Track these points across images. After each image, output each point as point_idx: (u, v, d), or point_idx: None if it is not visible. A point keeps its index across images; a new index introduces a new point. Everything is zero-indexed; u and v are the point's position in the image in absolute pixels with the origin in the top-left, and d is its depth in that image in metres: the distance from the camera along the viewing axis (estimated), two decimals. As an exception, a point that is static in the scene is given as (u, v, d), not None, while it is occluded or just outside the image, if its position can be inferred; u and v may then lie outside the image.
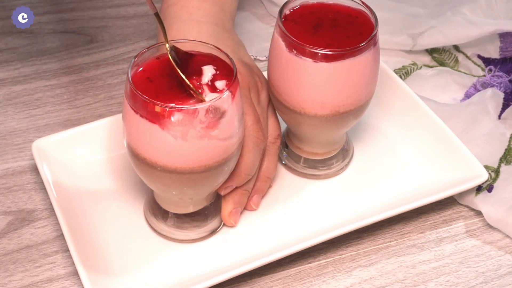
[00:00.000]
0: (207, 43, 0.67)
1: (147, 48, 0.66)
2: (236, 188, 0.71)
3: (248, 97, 0.71)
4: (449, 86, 0.88)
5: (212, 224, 0.72)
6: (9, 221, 0.74)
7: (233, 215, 0.71)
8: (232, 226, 0.72)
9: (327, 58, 0.68)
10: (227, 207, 0.71)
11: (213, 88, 0.65)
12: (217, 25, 0.77)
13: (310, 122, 0.72)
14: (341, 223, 0.71)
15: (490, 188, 0.75)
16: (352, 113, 0.72)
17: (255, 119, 0.70)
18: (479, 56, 0.91)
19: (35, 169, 0.78)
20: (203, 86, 0.65)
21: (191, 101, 0.63)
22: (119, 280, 0.68)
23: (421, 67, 0.90)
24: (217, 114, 0.62)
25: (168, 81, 0.65)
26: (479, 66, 0.90)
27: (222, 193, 0.71)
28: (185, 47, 0.67)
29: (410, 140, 0.80)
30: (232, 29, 0.80)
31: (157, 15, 0.63)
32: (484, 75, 0.89)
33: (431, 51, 0.93)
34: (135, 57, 0.65)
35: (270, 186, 0.75)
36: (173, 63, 0.63)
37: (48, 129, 0.82)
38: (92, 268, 0.67)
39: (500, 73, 0.88)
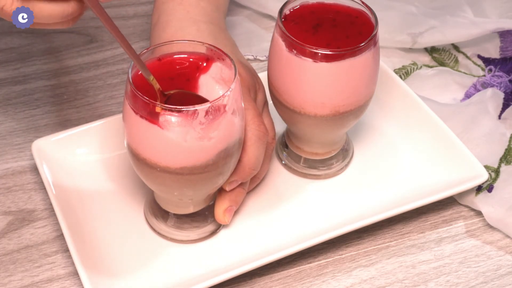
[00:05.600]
0: (210, 45, 0.67)
1: (147, 49, 0.66)
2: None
3: (249, 95, 0.71)
4: (449, 86, 0.88)
5: (212, 224, 0.72)
6: (9, 221, 0.74)
7: (228, 213, 0.71)
8: (225, 224, 0.72)
9: (327, 58, 0.68)
10: (223, 204, 0.71)
11: (213, 89, 0.65)
12: (213, 25, 0.77)
13: (310, 122, 0.72)
14: (341, 223, 0.71)
15: (490, 188, 0.75)
16: (352, 113, 0.72)
17: (255, 113, 0.70)
18: (479, 56, 0.91)
19: (35, 169, 0.78)
20: (204, 85, 0.65)
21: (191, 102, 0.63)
22: (119, 280, 0.68)
23: (421, 67, 0.90)
24: (217, 115, 0.62)
25: (168, 81, 0.65)
26: (479, 66, 0.90)
27: (227, 188, 0.70)
28: (185, 46, 0.67)
29: (410, 140, 0.80)
30: (226, 28, 0.80)
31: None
32: (484, 75, 0.89)
33: (431, 51, 0.93)
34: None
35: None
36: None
37: (48, 129, 0.82)
38: (92, 268, 0.67)
39: (500, 73, 0.88)
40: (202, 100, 0.64)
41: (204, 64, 0.66)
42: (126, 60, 0.91)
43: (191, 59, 0.67)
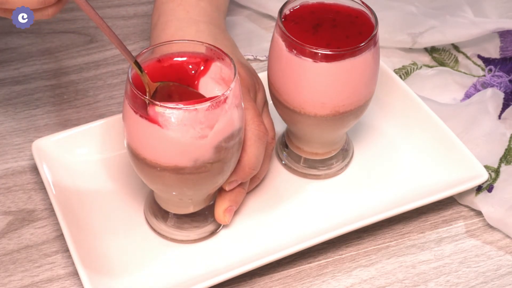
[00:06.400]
0: (210, 44, 0.67)
1: (147, 48, 0.66)
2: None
3: (248, 95, 0.71)
4: (449, 86, 0.88)
5: (212, 224, 0.72)
6: (9, 221, 0.74)
7: (228, 213, 0.71)
8: (225, 224, 0.72)
9: (327, 58, 0.68)
10: (223, 204, 0.71)
11: (213, 89, 0.65)
12: (213, 25, 0.77)
13: (310, 122, 0.72)
14: (341, 223, 0.71)
15: (490, 188, 0.75)
16: (352, 113, 0.72)
17: (255, 113, 0.70)
18: (479, 56, 0.91)
19: (35, 169, 0.78)
20: (204, 86, 0.65)
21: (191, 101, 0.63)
22: (119, 280, 0.68)
23: (421, 67, 0.90)
24: (217, 114, 0.62)
25: (168, 81, 0.65)
26: (479, 66, 0.90)
27: (227, 188, 0.70)
28: (184, 46, 0.67)
29: (410, 140, 0.80)
30: (226, 29, 0.80)
31: (136, 63, 0.63)
32: (484, 75, 0.89)
33: (431, 51, 0.93)
34: (135, 57, 0.65)
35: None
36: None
37: (48, 129, 0.82)
38: (92, 268, 0.67)
39: (500, 73, 0.88)
40: (192, 93, 0.64)
41: (204, 64, 0.66)
42: (126, 60, 0.91)
43: (190, 59, 0.67)
